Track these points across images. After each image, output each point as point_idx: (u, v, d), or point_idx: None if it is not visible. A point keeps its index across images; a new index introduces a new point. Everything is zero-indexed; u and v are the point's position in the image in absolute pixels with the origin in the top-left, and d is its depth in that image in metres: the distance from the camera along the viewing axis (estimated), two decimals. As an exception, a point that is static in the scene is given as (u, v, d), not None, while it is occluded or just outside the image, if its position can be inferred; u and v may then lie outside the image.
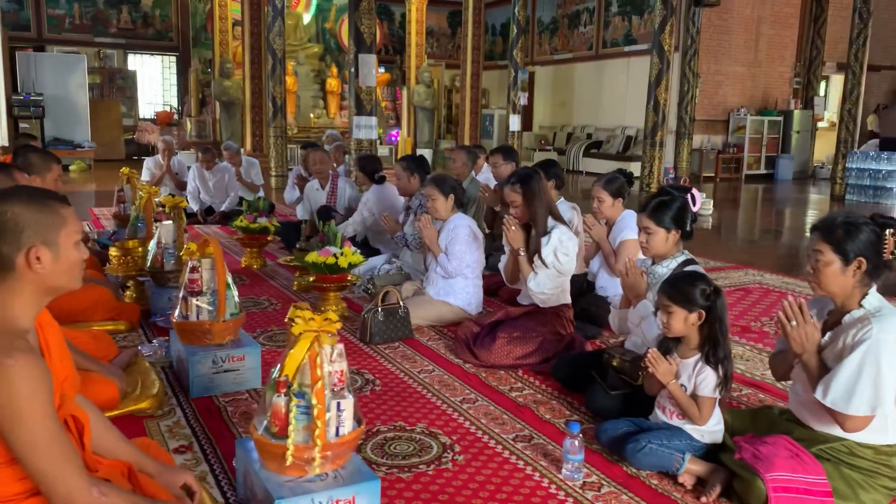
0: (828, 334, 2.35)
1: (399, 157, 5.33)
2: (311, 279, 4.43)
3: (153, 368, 3.27)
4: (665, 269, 3.00)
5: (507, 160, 5.78)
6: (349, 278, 4.41)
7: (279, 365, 2.12)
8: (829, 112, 17.47)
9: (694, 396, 2.51)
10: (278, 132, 11.09)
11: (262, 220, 5.64)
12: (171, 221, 4.30)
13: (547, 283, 3.61)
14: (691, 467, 2.45)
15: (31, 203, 1.71)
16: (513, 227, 3.67)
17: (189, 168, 8.16)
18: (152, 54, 17.93)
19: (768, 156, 15.69)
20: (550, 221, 3.67)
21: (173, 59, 18.04)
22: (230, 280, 3.28)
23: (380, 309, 3.89)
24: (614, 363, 3.04)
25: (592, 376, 3.10)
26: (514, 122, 13.51)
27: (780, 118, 15.63)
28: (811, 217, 10.45)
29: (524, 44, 14.45)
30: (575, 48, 17.46)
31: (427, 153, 15.93)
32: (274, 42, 10.82)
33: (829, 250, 2.28)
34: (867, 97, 17.10)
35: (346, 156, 8.66)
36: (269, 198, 9.25)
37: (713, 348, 2.50)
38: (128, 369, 3.19)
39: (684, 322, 2.51)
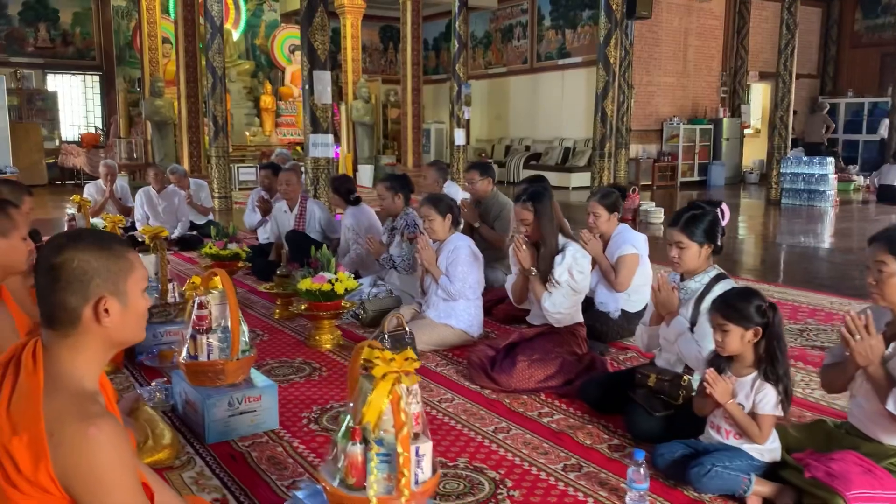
0: (891, 345, 2.35)
1: (381, 177, 5.13)
2: (303, 307, 4.24)
3: (158, 414, 3.03)
4: (697, 284, 2.96)
5: (484, 176, 5.69)
6: (343, 304, 4.23)
7: (351, 409, 1.97)
8: (754, 119, 18.14)
9: (752, 415, 2.47)
10: (220, 152, 10.73)
11: (233, 246, 5.39)
12: (152, 254, 4.03)
13: (563, 303, 3.54)
14: (758, 488, 2.40)
15: (98, 248, 1.52)
16: (523, 247, 3.58)
17: (137, 192, 7.76)
18: (73, 74, 17.16)
19: (701, 163, 16.16)
20: (561, 239, 3.60)
21: (96, 78, 17.32)
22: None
23: (387, 336, 3.73)
24: (650, 383, 2.98)
25: (628, 398, 3.04)
26: (459, 137, 13.49)
27: (711, 126, 16.13)
28: (757, 222, 10.78)
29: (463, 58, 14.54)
30: (509, 62, 17.61)
31: (368, 169, 15.76)
32: (214, 59, 10.47)
33: (893, 261, 2.28)
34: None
35: (303, 176, 8.42)
36: (216, 220, 8.92)
37: (772, 365, 2.46)
38: (131, 416, 2.95)
39: (740, 340, 2.47)
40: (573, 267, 3.49)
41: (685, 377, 2.90)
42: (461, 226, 5.50)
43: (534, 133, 16.92)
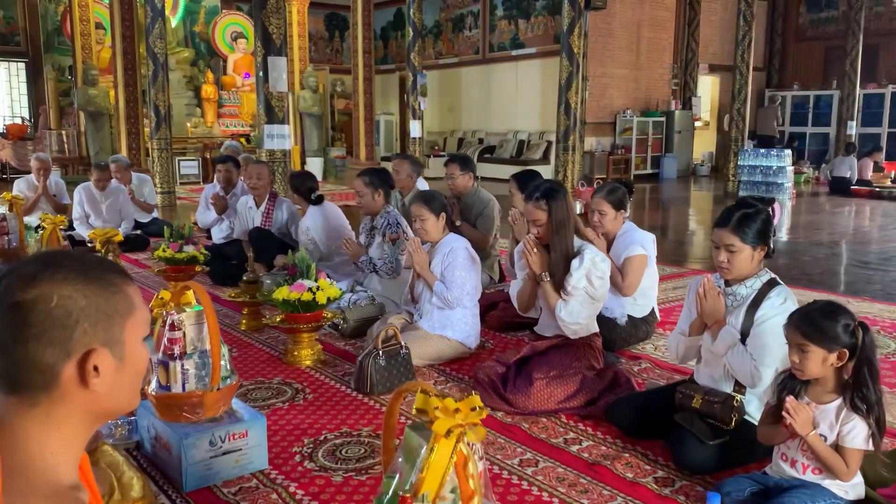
0: None
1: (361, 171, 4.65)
2: (279, 319, 3.76)
3: (121, 455, 2.53)
4: (748, 289, 2.62)
5: (465, 170, 5.30)
6: (325, 315, 3.78)
7: (396, 469, 1.55)
8: (703, 112, 18.18)
9: (836, 448, 2.14)
10: (163, 144, 10.03)
11: (189, 249, 4.86)
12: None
13: (581, 312, 3.16)
14: (847, 532, 2.07)
15: (85, 279, 1.07)
16: (535, 250, 3.19)
17: (75, 189, 7.08)
18: (-4, 60, 16.06)
19: (653, 155, 16.08)
20: (576, 241, 3.23)
21: (21, 65, 16.23)
22: (219, 335, 2.60)
23: (381, 352, 3.30)
24: (695, 405, 2.63)
25: (668, 421, 2.68)
26: (416, 128, 13.04)
27: (663, 119, 16.07)
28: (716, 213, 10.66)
29: (403, 47, 14.02)
30: (461, 52, 17.22)
31: (317, 162, 15.18)
32: (155, 45, 9.76)
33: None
34: (725, 97, 17.97)
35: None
36: (161, 217, 8.30)
37: (861, 393, 2.13)
38: (91, 460, 2.45)
39: (822, 363, 2.13)
40: (592, 272, 3.12)
41: (737, 397, 2.56)
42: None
43: (487, 125, 16.58)
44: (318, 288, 3.62)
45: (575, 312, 3.14)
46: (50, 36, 15.31)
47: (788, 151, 12.08)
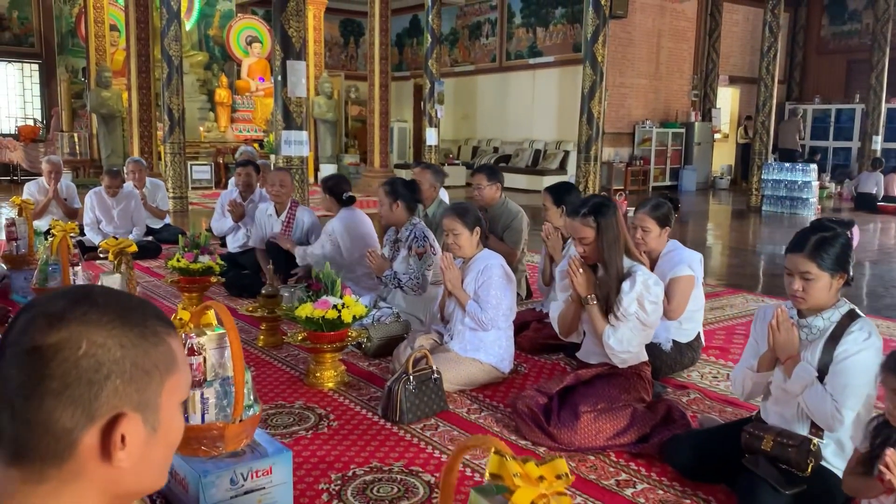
0: None
1: (384, 180, 4.45)
2: (301, 337, 3.53)
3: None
4: (826, 321, 2.37)
5: (492, 181, 5.06)
6: (350, 334, 3.54)
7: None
8: (722, 124, 17.92)
9: (942, 506, 1.88)
10: (176, 149, 9.84)
11: (205, 259, 4.63)
12: (116, 273, 3.26)
13: (632, 340, 2.92)
14: None
15: (121, 323, 0.85)
16: (580, 270, 2.95)
17: (87, 193, 6.88)
18: (9, 61, 15.93)
19: (672, 167, 15.82)
20: (626, 261, 2.98)
21: (35, 66, 16.11)
22: (242, 361, 2.37)
23: (411, 377, 3.06)
24: (765, 447, 2.38)
25: (734, 465, 2.43)
26: (432, 136, 12.82)
27: (683, 130, 15.81)
28: (748, 231, 10.40)
29: (418, 54, 13.83)
30: (477, 60, 17.02)
31: (331, 168, 14.96)
32: (170, 48, 9.59)
33: None
34: (745, 109, 17.72)
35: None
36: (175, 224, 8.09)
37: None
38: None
39: (931, 409, 1.88)
40: (644, 296, 2.88)
41: (814, 440, 2.31)
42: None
43: (503, 134, 16.35)
44: (343, 305, 3.39)
45: (625, 340, 2.89)
46: (64, 37, 15.17)
47: (814, 166, 11.80)
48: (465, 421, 3.09)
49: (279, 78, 7.15)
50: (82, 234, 6.71)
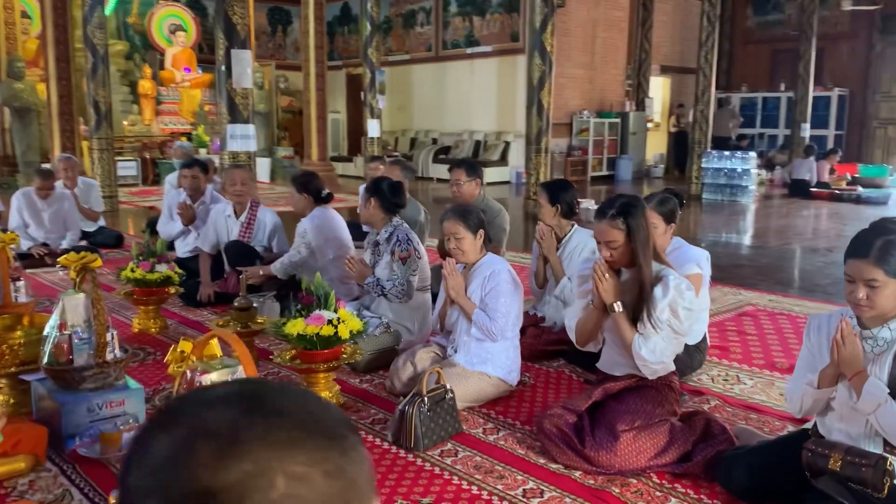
0: None
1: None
2: (289, 356, 3.20)
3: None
4: (893, 332, 2.21)
5: (472, 176, 4.79)
6: (345, 351, 3.22)
7: None
8: (654, 113, 18.13)
9: None
10: (104, 144, 9.18)
11: (162, 268, 4.22)
12: (78, 292, 2.85)
13: (666, 350, 2.71)
14: None
15: (315, 438, 0.58)
16: (607, 276, 2.72)
17: (13, 195, 6.26)
18: None
19: (609, 157, 15.89)
20: (655, 265, 2.77)
21: (-65, 56, 14.86)
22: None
23: (426, 399, 2.78)
24: (834, 466, 2.21)
25: (795, 484, 2.26)
26: (374, 128, 12.44)
27: (618, 120, 15.89)
28: (698, 220, 10.46)
29: (350, 43, 13.41)
30: (412, 49, 16.67)
31: (265, 162, 14.40)
32: (94, 36, 8.92)
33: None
34: (676, 98, 18.02)
35: (215, 174, 7.21)
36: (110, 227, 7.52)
37: None
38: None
39: None
40: (678, 302, 2.67)
41: (889, 459, 2.15)
42: (426, 232, 4.64)
43: (441, 125, 16.08)
44: (339, 320, 3.07)
45: (658, 350, 2.68)
46: (-33, 25, 14.05)
47: (753, 154, 12.01)
48: (484, 443, 2.83)
49: (223, 68, 6.71)
50: (45, 245, 6.08)
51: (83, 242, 6.52)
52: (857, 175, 13.46)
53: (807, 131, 14.63)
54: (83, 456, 2.62)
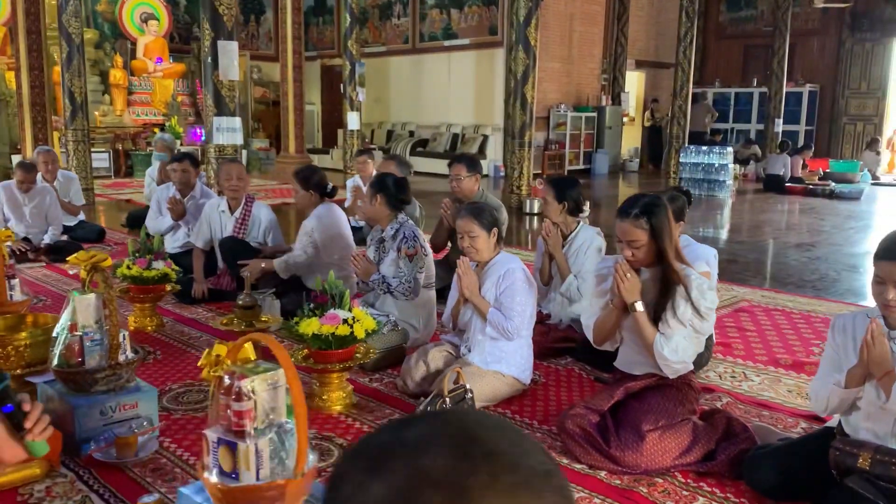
0: None
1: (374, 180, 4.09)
2: (302, 356, 3.15)
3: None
4: (921, 333, 2.24)
5: (472, 171, 4.77)
6: (359, 350, 3.19)
7: None
8: (629, 107, 18.26)
9: None
10: (80, 136, 8.97)
11: (159, 265, 4.13)
12: (88, 292, 2.77)
13: (688, 349, 2.72)
14: None
15: (535, 483, 0.56)
16: (628, 275, 2.72)
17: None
18: None
19: (585, 151, 15.97)
20: (676, 264, 2.77)
21: None
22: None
23: (447, 399, 2.76)
24: (863, 465, 2.24)
25: (822, 482, 2.28)
26: (353, 120, 12.32)
27: (595, 114, 15.96)
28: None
29: (325, 34, 13.32)
30: (389, 41, 16.55)
31: (241, 155, 14.19)
32: (69, 24, 8.70)
33: None
34: (650, 92, 18.17)
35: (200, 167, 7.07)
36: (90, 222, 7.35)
37: None
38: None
39: None
40: (700, 302, 2.68)
41: (918, 458, 2.18)
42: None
43: (418, 118, 16.01)
44: (354, 319, 3.03)
45: (680, 349, 2.69)
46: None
47: (730, 149, 12.14)
48: (504, 443, 2.81)
49: (209, 60, 6.58)
50: (26, 240, 5.92)
51: (64, 237, 6.38)
52: (828, 170, 13.71)
53: (780, 126, 14.84)
54: (98, 460, 2.55)
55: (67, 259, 3.07)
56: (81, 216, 7.08)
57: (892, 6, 15.82)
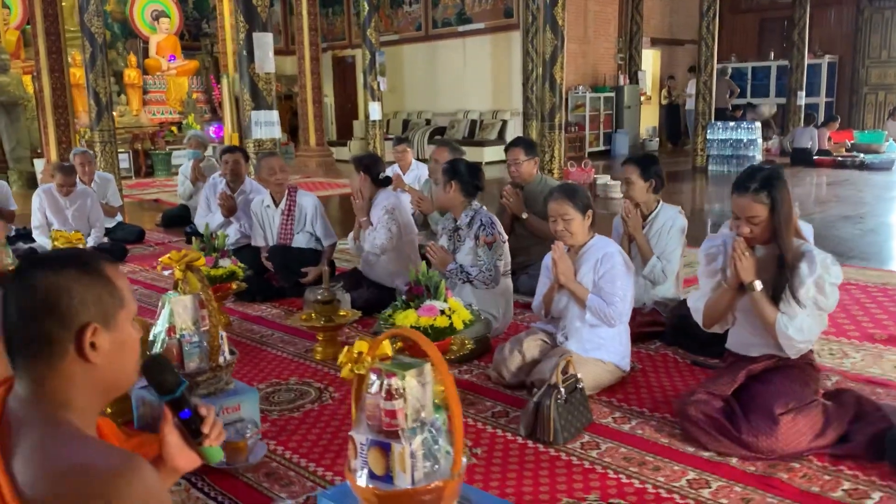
0: None
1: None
2: (397, 347, 3.04)
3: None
4: None
5: (530, 155, 4.66)
6: (453, 342, 3.08)
7: None
8: (646, 86, 18.05)
9: None
10: (107, 136, 8.85)
11: (226, 263, 4.03)
12: (184, 294, 2.67)
13: (813, 328, 2.60)
14: None
15: None
16: (746, 254, 2.60)
17: (35, 193, 6.00)
18: None
19: (605, 132, 15.79)
20: (795, 240, 2.65)
21: None
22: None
23: (562, 389, 2.65)
24: None
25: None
26: (375, 111, 12.20)
27: (613, 94, 15.78)
28: (693, 191, 10.42)
29: (335, 24, 13.12)
30: (401, 29, 16.37)
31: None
32: (91, 24, 8.55)
33: None
34: (666, 70, 17.94)
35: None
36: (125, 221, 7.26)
37: None
38: None
39: None
40: (824, 278, 2.56)
41: None
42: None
43: (434, 106, 15.85)
44: (451, 310, 2.93)
45: (805, 328, 2.57)
46: (-59, 17, 13.51)
47: (758, 124, 11.98)
48: (620, 433, 2.71)
49: (244, 53, 6.47)
50: (26, 238, 5.85)
51: (106, 239, 6.29)
52: (853, 141, 13.53)
53: (802, 100, 14.64)
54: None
55: (160, 260, 2.96)
56: (119, 217, 6.99)
57: (910, -28, 15.58)
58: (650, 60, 17.86)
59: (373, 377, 1.86)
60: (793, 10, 14.44)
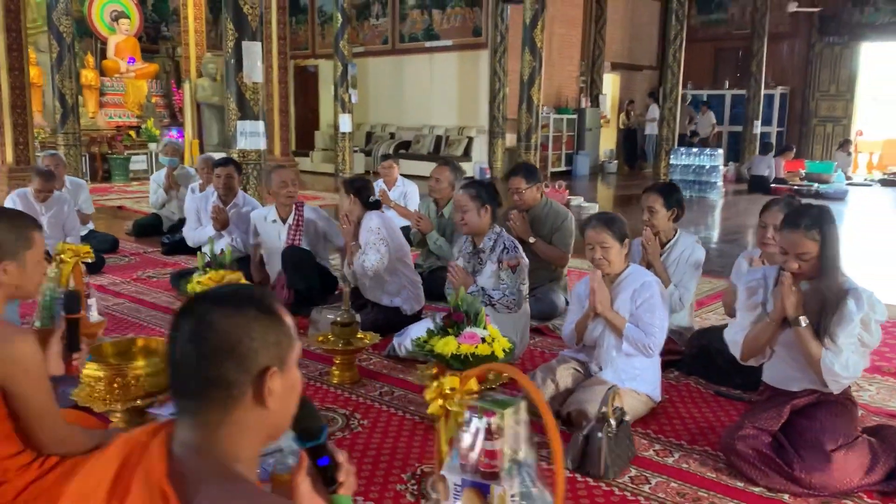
0: None
1: (463, 184, 3.95)
2: (430, 373, 2.97)
3: None
4: None
5: (531, 181, 4.61)
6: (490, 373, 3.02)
7: None
8: (606, 110, 18.35)
9: None
10: (72, 139, 8.53)
11: (233, 279, 3.88)
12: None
13: (858, 364, 2.63)
14: None
15: None
16: (794, 288, 2.63)
17: (9, 196, 5.71)
18: None
19: (567, 153, 15.98)
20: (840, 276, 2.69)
21: None
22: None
23: (612, 422, 2.62)
24: None
25: None
26: (346, 123, 12.09)
27: (576, 116, 16.00)
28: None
29: (299, 34, 13.02)
30: (367, 42, 16.29)
31: (219, 157, 13.79)
32: (60, 22, 8.27)
33: None
34: (625, 95, 18.30)
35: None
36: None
37: None
38: None
39: None
40: (870, 315, 2.60)
41: None
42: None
43: (399, 120, 15.79)
44: (492, 338, 2.87)
45: (851, 364, 2.60)
46: None
47: (720, 151, 12.28)
48: (666, 467, 2.69)
49: (232, 61, 6.32)
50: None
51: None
52: (804, 171, 13.99)
53: (759, 128, 15.09)
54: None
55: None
56: (91, 225, 6.71)
57: (859, 10, 16.26)
58: (610, 84, 18.18)
59: (467, 415, 1.79)
60: (750, 42, 14.92)
